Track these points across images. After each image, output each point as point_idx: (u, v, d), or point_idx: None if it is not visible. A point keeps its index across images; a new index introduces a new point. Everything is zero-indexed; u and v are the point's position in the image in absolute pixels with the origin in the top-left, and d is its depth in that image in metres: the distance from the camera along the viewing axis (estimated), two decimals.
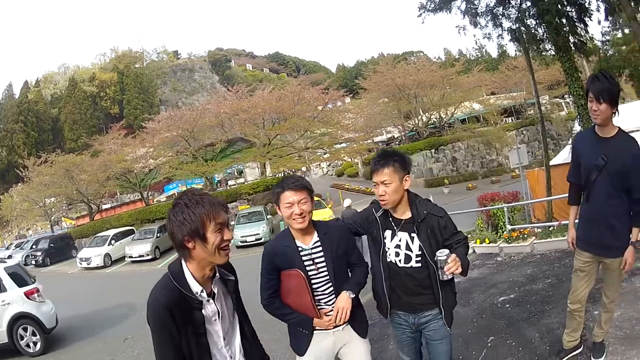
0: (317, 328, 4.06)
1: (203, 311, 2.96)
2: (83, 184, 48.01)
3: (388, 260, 4.05)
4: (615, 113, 4.29)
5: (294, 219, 3.88)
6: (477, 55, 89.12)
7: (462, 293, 9.17)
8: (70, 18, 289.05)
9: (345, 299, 3.94)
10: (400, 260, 4.00)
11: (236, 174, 67.28)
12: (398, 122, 61.29)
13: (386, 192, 3.88)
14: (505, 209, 14.52)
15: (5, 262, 14.54)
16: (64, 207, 62.09)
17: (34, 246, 41.90)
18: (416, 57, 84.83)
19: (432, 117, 59.74)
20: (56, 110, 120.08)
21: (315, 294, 3.99)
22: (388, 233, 4.07)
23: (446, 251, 3.70)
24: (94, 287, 24.38)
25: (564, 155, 18.51)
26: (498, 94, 68.05)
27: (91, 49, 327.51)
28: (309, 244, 4.00)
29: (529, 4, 15.98)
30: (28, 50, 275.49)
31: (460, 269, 3.69)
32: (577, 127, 18.32)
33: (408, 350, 4.36)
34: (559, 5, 14.19)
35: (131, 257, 30.95)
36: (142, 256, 31.00)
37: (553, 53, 17.06)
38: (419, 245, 3.92)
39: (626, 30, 26.13)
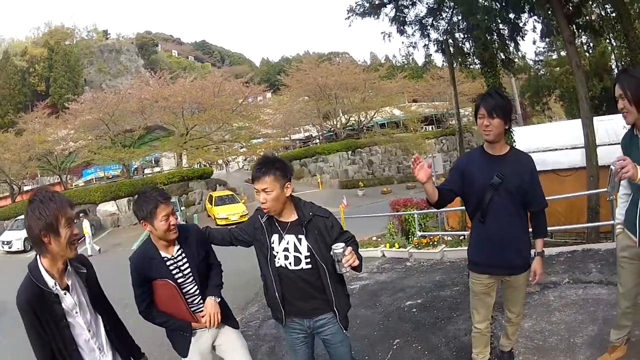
0: (195, 329, 4.25)
1: (63, 304, 3.13)
2: (7, 163, 46.36)
3: (277, 265, 4.04)
4: (508, 130, 4.33)
5: (171, 230, 3.98)
6: (403, 62, 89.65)
7: (369, 295, 9.55)
8: None
9: (212, 304, 4.13)
10: (290, 263, 3.99)
11: (153, 162, 66.95)
12: (317, 122, 61.42)
13: (267, 200, 3.87)
14: (416, 215, 14.60)
15: None
16: None
17: None
18: (341, 58, 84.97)
19: (351, 119, 60.31)
20: None
21: (187, 298, 4.15)
22: (275, 237, 4.06)
23: (342, 244, 3.73)
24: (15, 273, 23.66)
25: None
26: (420, 101, 68.84)
27: (27, 21, 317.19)
28: (172, 253, 4.11)
29: (459, 17, 16.04)
30: None
31: (357, 261, 3.76)
32: None
33: (301, 355, 4.37)
34: (491, 23, 14.36)
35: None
36: None
37: (479, 67, 17.36)
38: (307, 246, 3.93)
39: (562, 53, 26.77)
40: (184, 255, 4.13)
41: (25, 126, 50.09)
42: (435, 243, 12.97)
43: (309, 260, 3.93)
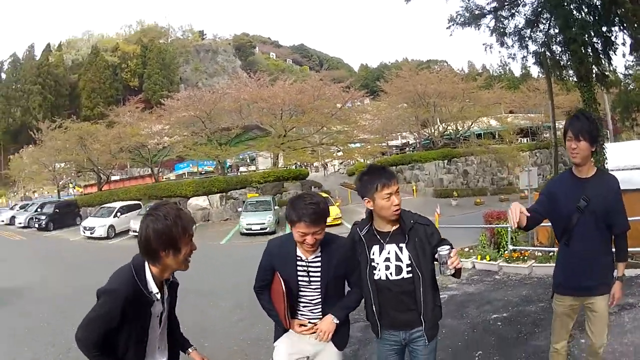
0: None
1: (152, 309, 3.25)
2: (95, 153, 48.08)
3: (376, 277, 4.01)
4: (594, 152, 4.38)
5: (304, 246, 3.93)
6: (500, 72, 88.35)
7: (457, 306, 9.61)
8: None
9: (328, 322, 4.03)
10: (391, 273, 3.97)
11: (248, 161, 67.62)
12: (414, 129, 60.67)
13: (399, 203, 3.96)
14: (509, 228, 14.14)
15: None
16: (73, 174, 61.70)
17: (39, 209, 41.87)
18: (439, 67, 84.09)
19: (448, 128, 59.40)
20: (76, 76, 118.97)
21: (302, 302, 4.15)
22: (375, 248, 4.04)
23: (447, 246, 3.77)
24: (91, 257, 24.64)
25: None
26: (516, 113, 67.65)
27: (117, 19, 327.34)
28: (309, 257, 4.04)
29: (557, 30, 15.94)
30: (53, 13, 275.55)
31: (461, 264, 3.82)
32: None
33: None
34: (586, 36, 14.25)
35: (135, 231, 29.66)
36: None
37: (574, 80, 17.13)
38: (408, 255, 3.93)
39: None
40: (320, 263, 4.05)
41: (118, 119, 51.40)
42: (525, 258, 13.03)
43: (410, 269, 3.94)
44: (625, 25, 14.14)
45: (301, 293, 4.11)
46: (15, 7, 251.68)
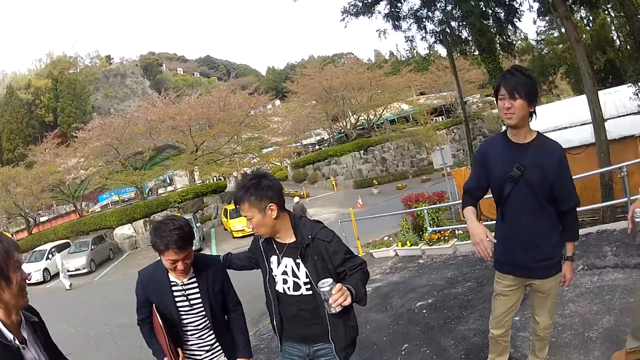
0: None
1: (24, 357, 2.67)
2: (19, 197, 46.82)
3: (276, 288, 3.71)
4: (533, 114, 3.73)
5: (175, 271, 3.71)
6: (408, 56, 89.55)
7: (380, 298, 9.36)
8: (6, 23, 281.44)
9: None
10: (289, 288, 3.64)
11: (168, 181, 67.19)
12: (326, 125, 61.25)
13: (252, 226, 3.57)
14: (425, 211, 14.27)
15: None
16: (4, 221, 58.83)
17: None
18: (346, 59, 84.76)
19: (360, 118, 59.96)
20: None
21: (188, 330, 3.88)
22: (274, 259, 3.71)
23: (329, 280, 3.21)
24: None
25: None
26: (428, 94, 68.91)
27: (28, 54, 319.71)
28: (183, 280, 3.80)
29: (453, 5, 15.72)
30: None
31: (349, 300, 3.20)
32: (504, 127, 18.28)
33: None
34: (485, 7, 14.08)
35: (68, 270, 29.49)
36: (79, 269, 31.39)
37: (477, 53, 17.09)
38: (306, 272, 3.54)
39: (563, 30, 26.59)
40: (196, 285, 3.83)
41: (35, 158, 50.21)
42: (446, 238, 12.72)
43: (308, 286, 3.56)
44: None
45: (185, 321, 3.83)
46: None
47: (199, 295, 3.81)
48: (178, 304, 3.77)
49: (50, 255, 33.32)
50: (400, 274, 11.17)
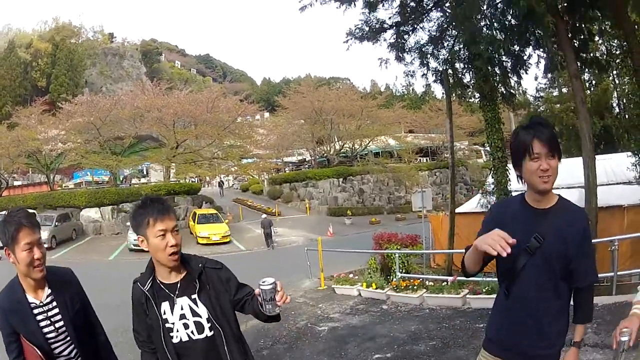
0: None
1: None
2: None
3: (175, 341, 3.17)
4: None
5: (35, 266, 3.27)
6: (403, 91, 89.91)
7: (336, 342, 9.04)
8: None
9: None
10: (192, 332, 3.16)
11: (144, 172, 67.36)
12: (310, 146, 60.94)
13: (179, 241, 3.16)
14: (397, 255, 13.74)
15: None
16: None
17: None
18: (342, 84, 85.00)
19: (345, 145, 59.95)
20: None
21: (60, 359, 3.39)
22: (166, 305, 3.20)
23: (271, 279, 2.97)
24: None
25: (472, 205, 18.92)
26: (417, 132, 68.94)
27: (35, 14, 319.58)
28: (41, 298, 3.36)
29: (461, 46, 15.51)
30: None
31: (289, 298, 3.05)
32: (490, 179, 17.95)
33: None
34: (494, 54, 13.70)
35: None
36: None
37: (477, 99, 16.76)
38: (205, 308, 3.16)
39: (564, 90, 26.34)
40: (55, 303, 3.37)
41: (19, 120, 49.97)
42: (415, 287, 12.31)
43: (210, 324, 3.17)
44: (541, 44, 13.66)
45: (56, 350, 3.37)
46: None
47: (60, 316, 3.37)
48: (44, 329, 3.32)
49: None
50: (361, 317, 10.77)
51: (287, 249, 27.26)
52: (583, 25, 13.69)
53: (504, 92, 15.78)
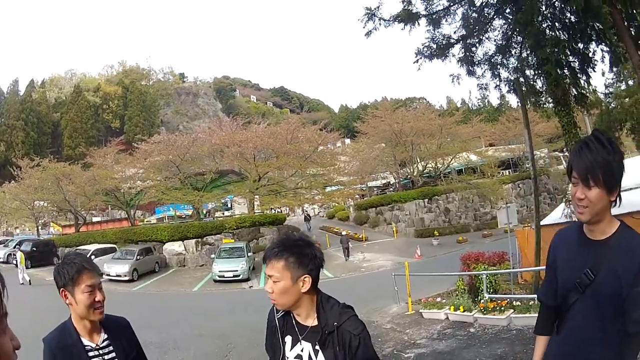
0: None
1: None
2: (71, 195, 48.64)
3: None
4: (614, 202, 2.71)
5: (96, 309, 3.16)
6: (479, 105, 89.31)
7: None
8: (82, 24, 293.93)
9: None
10: None
11: (228, 205, 68.35)
12: (393, 169, 60.56)
13: (273, 290, 2.93)
14: (484, 276, 13.34)
15: None
16: (54, 213, 62.61)
17: (17, 246, 42.20)
18: (418, 104, 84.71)
19: (427, 165, 59.37)
20: (58, 114, 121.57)
21: None
22: (289, 339, 3.08)
23: None
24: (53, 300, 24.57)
25: (557, 215, 17.87)
26: (497, 145, 67.99)
27: (99, 58, 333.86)
28: (97, 342, 3.25)
29: (529, 52, 15.21)
30: (37, 49, 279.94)
31: None
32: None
33: None
34: (561, 55, 13.27)
35: (109, 275, 30.40)
36: (120, 276, 31.27)
37: (551, 105, 16.26)
38: None
39: (630, 82, 25.44)
40: (112, 347, 3.27)
41: (94, 160, 51.94)
42: (502, 308, 11.99)
43: None
44: (603, 38, 13.30)
45: None
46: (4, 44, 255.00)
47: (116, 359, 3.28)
48: None
49: (92, 256, 32.51)
50: (447, 342, 10.49)
51: (374, 274, 27.06)
52: (634, 11, 13.22)
53: (576, 93, 15.35)
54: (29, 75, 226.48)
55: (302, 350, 3.03)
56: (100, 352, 3.22)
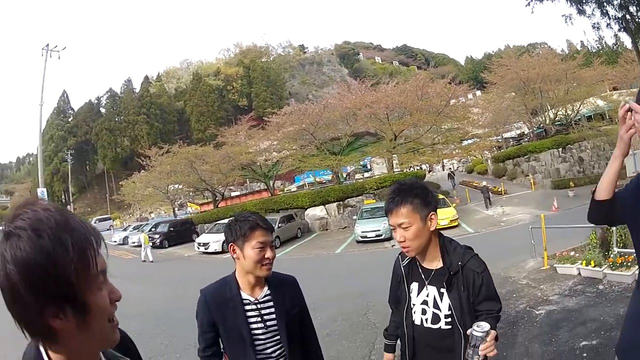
0: None
1: None
2: (206, 174, 50.36)
3: (413, 319, 3.33)
4: None
5: (264, 265, 3.23)
6: (597, 47, 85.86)
7: (549, 327, 8.51)
8: (189, 17, 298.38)
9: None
10: (427, 320, 3.26)
11: (368, 166, 68.47)
12: (526, 118, 58.88)
13: (405, 237, 3.12)
14: (614, 228, 11.92)
15: None
16: (190, 194, 65.55)
17: (152, 229, 44.85)
18: (540, 49, 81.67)
19: (558, 113, 57.26)
20: (181, 103, 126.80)
21: (260, 357, 3.28)
22: (415, 286, 3.35)
23: (487, 326, 2.76)
24: (199, 270, 26.05)
25: None
26: (620, 89, 64.44)
27: (213, 45, 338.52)
28: (257, 296, 3.33)
29: None
30: (146, 47, 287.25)
31: (495, 352, 2.81)
32: None
33: None
34: None
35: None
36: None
37: None
38: (449, 304, 3.16)
39: None
40: (272, 303, 3.33)
41: (225, 139, 53.12)
42: (629, 263, 10.99)
43: (449, 320, 3.17)
44: None
45: (258, 347, 3.27)
46: (111, 47, 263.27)
47: (274, 315, 3.31)
48: (251, 325, 3.26)
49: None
50: (577, 299, 10.06)
51: (513, 228, 26.10)
52: None
53: None
54: (141, 73, 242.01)
55: (427, 296, 3.24)
56: (259, 306, 3.28)
